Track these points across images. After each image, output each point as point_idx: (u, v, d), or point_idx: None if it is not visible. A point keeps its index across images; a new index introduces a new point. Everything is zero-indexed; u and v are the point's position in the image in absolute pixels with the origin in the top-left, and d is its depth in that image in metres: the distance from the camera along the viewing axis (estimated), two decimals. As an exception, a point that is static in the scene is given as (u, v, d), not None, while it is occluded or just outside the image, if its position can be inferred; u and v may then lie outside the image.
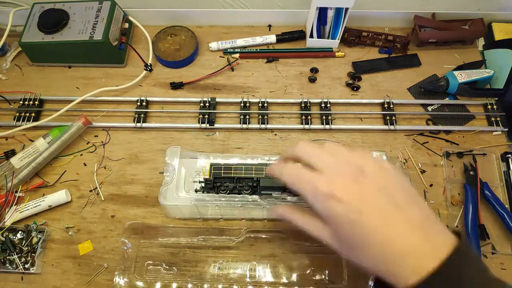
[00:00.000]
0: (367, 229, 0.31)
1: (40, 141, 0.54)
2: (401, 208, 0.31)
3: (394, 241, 0.30)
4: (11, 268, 0.47)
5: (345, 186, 0.32)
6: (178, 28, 0.65)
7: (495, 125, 0.56)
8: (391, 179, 0.33)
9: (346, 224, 0.31)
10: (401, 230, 0.30)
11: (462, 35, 0.63)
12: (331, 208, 0.32)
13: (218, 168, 0.49)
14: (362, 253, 0.32)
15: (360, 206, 0.31)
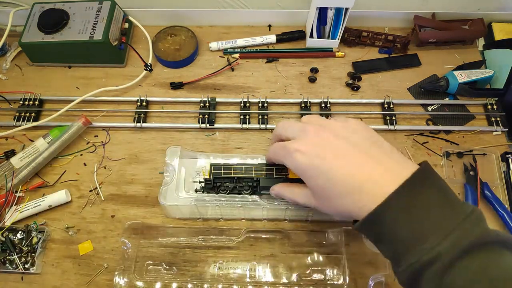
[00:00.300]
0: (329, 171, 0.33)
1: (40, 141, 0.54)
2: (360, 148, 0.34)
3: (354, 175, 0.32)
4: (11, 268, 0.47)
5: (308, 140, 0.36)
6: (178, 28, 0.65)
7: (495, 125, 0.56)
8: (352, 127, 0.36)
9: (312, 171, 0.35)
10: (359, 164, 0.33)
11: (462, 35, 0.63)
12: (297, 160, 0.35)
13: (218, 168, 0.49)
14: (332, 196, 0.34)
15: (319, 152, 0.34)
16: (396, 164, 0.33)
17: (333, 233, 0.48)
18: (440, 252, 0.28)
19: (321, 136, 0.36)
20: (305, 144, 0.36)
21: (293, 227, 0.50)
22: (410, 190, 0.30)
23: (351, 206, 0.33)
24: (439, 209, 0.30)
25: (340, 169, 0.33)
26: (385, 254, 0.34)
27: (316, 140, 0.36)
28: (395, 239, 0.31)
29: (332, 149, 0.34)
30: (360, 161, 0.33)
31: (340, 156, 0.34)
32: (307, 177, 0.36)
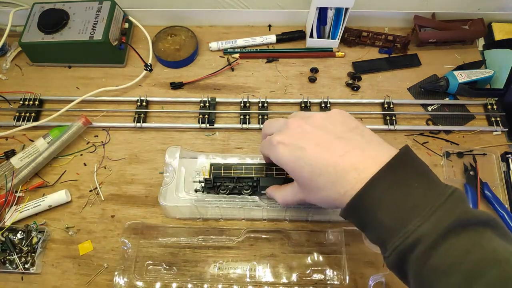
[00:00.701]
0: (312, 161, 0.34)
1: (40, 141, 0.54)
2: (340, 137, 0.34)
3: (335, 164, 0.32)
4: (11, 268, 0.47)
5: (289, 132, 0.36)
6: (178, 28, 0.65)
7: (495, 125, 0.56)
8: (332, 118, 0.37)
9: (295, 161, 0.35)
10: (340, 152, 0.33)
11: (462, 35, 0.63)
12: (280, 153, 0.36)
13: (218, 167, 0.48)
14: (317, 186, 0.34)
15: (300, 143, 0.35)
16: (377, 150, 0.33)
17: (333, 233, 0.48)
18: (422, 233, 0.28)
19: (302, 128, 0.36)
20: (287, 136, 0.36)
21: (293, 227, 0.50)
22: (390, 173, 0.30)
23: (334, 195, 0.33)
24: (420, 190, 0.30)
25: (322, 159, 0.33)
26: (372, 239, 0.33)
27: (298, 131, 0.36)
28: (379, 224, 0.31)
29: (314, 140, 0.35)
30: (341, 150, 0.33)
31: (321, 146, 0.34)
32: (291, 169, 0.36)
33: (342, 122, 0.36)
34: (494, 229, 0.29)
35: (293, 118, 0.38)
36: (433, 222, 0.28)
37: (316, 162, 0.33)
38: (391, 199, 0.30)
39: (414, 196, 0.30)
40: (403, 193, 0.30)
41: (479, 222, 0.28)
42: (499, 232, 0.28)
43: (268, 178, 0.47)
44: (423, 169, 0.31)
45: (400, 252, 0.29)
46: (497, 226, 0.29)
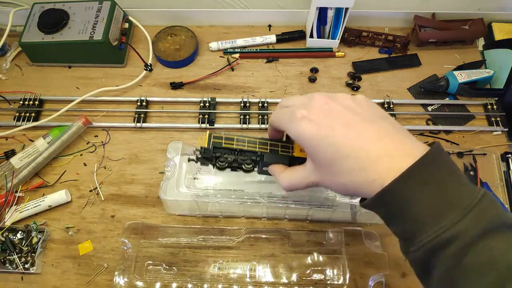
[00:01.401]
0: (339, 142, 0.31)
1: (40, 141, 0.54)
2: (370, 121, 0.32)
3: (367, 149, 0.30)
4: (11, 268, 0.47)
5: (316, 109, 0.33)
6: (178, 28, 0.65)
7: (495, 125, 0.56)
8: (360, 101, 0.34)
9: (319, 141, 0.32)
10: (373, 137, 0.31)
11: (462, 35, 0.63)
12: (303, 128, 0.33)
13: (219, 137, 0.41)
14: (340, 170, 0.32)
15: (329, 122, 0.32)
16: (409, 142, 0.31)
17: (333, 233, 0.48)
18: (460, 230, 0.27)
19: (329, 105, 0.33)
20: (313, 112, 0.33)
21: (293, 227, 0.50)
22: (426, 167, 0.29)
23: (360, 182, 0.31)
24: (455, 188, 0.28)
25: (351, 141, 0.31)
26: (396, 232, 0.32)
27: (325, 109, 0.33)
28: (408, 217, 0.29)
29: (343, 120, 0.32)
30: (373, 135, 0.31)
31: (351, 127, 0.31)
32: (313, 147, 0.33)
33: (370, 107, 0.34)
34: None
35: (319, 94, 0.34)
36: (470, 220, 0.27)
37: (344, 144, 0.31)
38: (427, 193, 0.28)
39: (449, 192, 0.28)
40: (439, 189, 0.28)
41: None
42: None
43: (273, 155, 0.41)
44: (455, 168, 0.30)
45: (432, 247, 0.28)
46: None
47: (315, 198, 0.48)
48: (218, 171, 0.50)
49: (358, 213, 0.48)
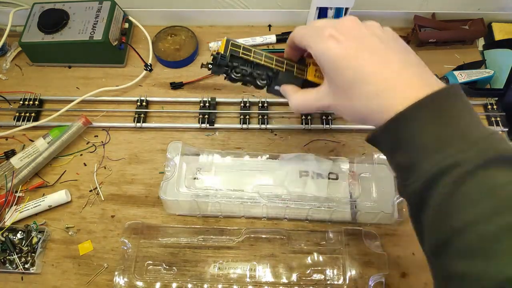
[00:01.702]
0: (362, 66, 0.32)
1: (40, 141, 0.54)
2: (396, 51, 0.33)
3: (386, 76, 0.31)
4: (11, 268, 0.47)
5: (345, 30, 0.33)
6: (178, 28, 0.65)
7: (495, 125, 0.56)
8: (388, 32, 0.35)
9: (343, 62, 0.32)
10: (395, 67, 0.31)
11: (462, 35, 0.63)
12: (329, 48, 0.33)
13: (237, 45, 0.40)
14: (357, 93, 0.32)
15: (356, 44, 0.32)
16: (430, 76, 0.32)
17: (333, 233, 0.48)
18: (463, 158, 0.27)
19: (359, 30, 0.33)
20: (342, 32, 0.33)
21: (293, 227, 0.50)
22: (442, 99, 0.29)
23: (375, 108, 0.31)
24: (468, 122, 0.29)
25: (374, 67, 0.31)
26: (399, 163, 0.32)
27: (354, 32, 0.33)
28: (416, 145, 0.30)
29: (370, 46, 0.33)
30: (395, 64, 0.32)
31: (376, 54, 0.32)
32: (335, 68, 0.33)
33: (396, 40, 0.34)
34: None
35: (350, 17, 0.35)
36: (475, 150, 0.27)
37: (366, 69, 0.31)
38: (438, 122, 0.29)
39: (460, 125, 0.29)
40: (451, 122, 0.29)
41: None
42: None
43: (288, 74, 0.41)
44: (471, 107, 0.31)
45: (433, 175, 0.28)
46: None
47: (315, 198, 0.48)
48: (218, 171, 0.50)
49: (358, 213, 0.48)
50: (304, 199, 0.47)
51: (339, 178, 0.51)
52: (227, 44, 0.40)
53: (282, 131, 0.57)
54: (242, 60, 0.40)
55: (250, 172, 0.51)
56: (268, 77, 0.41)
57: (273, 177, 0.50)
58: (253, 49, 0.41)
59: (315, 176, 0.50)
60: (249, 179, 0.50)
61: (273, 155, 0.52)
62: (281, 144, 0.56)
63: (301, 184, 0.50)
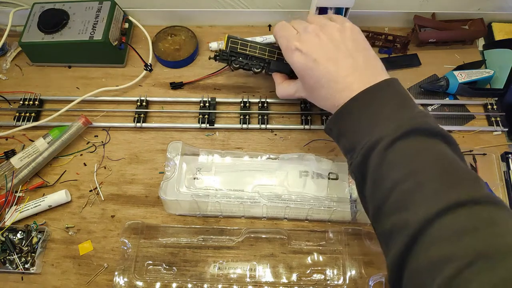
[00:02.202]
0: (320, 75, 0.41)
1: (40, 141, 0.54)
2: (348, 56, 0.40)
3: (338, 81, 0.40)
4: (11, 268, 0.47)
5: (307, 41, 0.42)
6: (178, 28, 0.65)
7: (495, 125, 0.56)
8: (346, 33, 0.42)
9: (306, 71, 0.42)
10: (345, 72, 0.40)
11: (462, 35, 0.63)
12: (295, 59, 0.43)
13: (235, 42, 0.51)
14: (319, 94, 0.42)
15: (315, 55, 0.41)
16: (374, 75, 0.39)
17: (333, 233, 0.48)
18: (385, 133, 0.34)
19: (319, 37, 0.42)
20: (305, 45, 0.42)
21: (293, 226, 0.50)
22: (373, 92, 0.37)
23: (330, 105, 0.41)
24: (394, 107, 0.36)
25: (329, 75, 0.40)
26: (345, 147, 0.39)
27: (315, 42, 0.42)
28: (354, 130, 0.37)
29: (327, 54, 0.41)
30: (345, 71, 0.39)
31: (331, 62, 0.40)
32: (301, 75, 0.44)
33: (353, 40, 0.41)
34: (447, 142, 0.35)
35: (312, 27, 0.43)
36: (395, 126, 0.34)
37: (323, 77, 0.40)
38: (368, 112, 0.37)
39: (387, 110, 0.36)
40: (380, 107, 0.36)
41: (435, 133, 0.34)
42: (452, 147, 0.35)
43: (278, 62, 0.52)
44: (403, 96, 0.38)
45: (365, 151, 0.35)
46: (451, 141, 0.35)
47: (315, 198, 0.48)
48: (218, 171, 0.50)
49: (358, 213, 0.48)
50: (304, 199, 0.47)
51: (339, 178, 0.51)
52: (228, 41, 0.51)
53: (282, 131, 0.57)
54: (241, 54, 0.52)
55: (250, 172, 0.51)
56: (262, 65, 0.52)
57: (273, 177, 0.50)
58: (249, 43, 0.51)
59: (315, 176, 0.50)
60: (249, 179, 0.50)
61: (273, 155, 0.52)
62: (281, 144, 0.56)
63: (301, 184, 0.50)
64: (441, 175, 0.32)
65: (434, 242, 0.29)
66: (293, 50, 0.43)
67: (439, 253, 0.28)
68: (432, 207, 0.30)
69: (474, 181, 0.32)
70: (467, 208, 0.29)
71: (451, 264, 0.27)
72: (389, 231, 0.33)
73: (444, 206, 0.29)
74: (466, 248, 0.27)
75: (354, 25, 0.43)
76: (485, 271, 0.26)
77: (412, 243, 0.30)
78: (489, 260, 0.26)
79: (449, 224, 0.29)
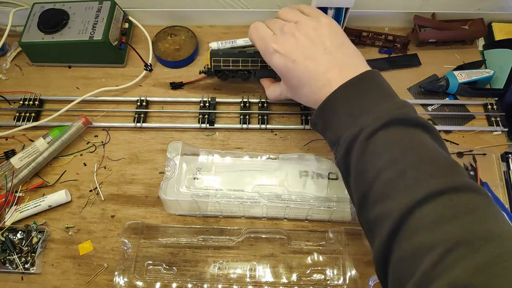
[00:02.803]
0: (300, 74, 0.41)
1: (40, 141, 0.54)
2: (326, 53, 0.41)
3: (318, 78, 0.40)
4: (11, 268, 0.47)
5: (285, 42, 0.42)
6: (178, 28, 0.65)
7: (495, 125, 0.56)
8: (322, 30, 0.42)
9: (287, 71, 0.43)
10: (324, 68, 0.40)
11: (462, 35, 0.63)
12: (274, 61, 0.43)
13: (218, 60, 0.53)
14: (302, 93, 0.43)
15: (293, 56, 0.42)
16: (353, 68, 0.39)
17: (333, 233, 0.48)
18: (367, 124, 0.35)
19: (295, 37, 0.42)
20: (282, 46, 0.42)
21: (293, 226, 0.50)
22: (353, 85, 0.38)
23: (313, 102, 0.42)
24: (374, 99, 0.37)
25: (309, 73, 0.41)
26: (330, 140, 0.40)
27: (291, 42, 0.42)
28: (338, 124, 0.38)
29: (304, 53, 0.41)
30: (324, 68, 0.40)
31: (309, 60, 0.41)
32: (283, 76, 0.45)
33: (330, 37, 0.42)
34: (428, 131, 0.35)
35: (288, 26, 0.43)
36: (375, 117, 0.35)
37: (304, 75, 0.41)
38: (349, 104, 0.37)
39: (368, 102, 0.37)
40: (360, 100, 0.37)
41: (417, 123, 0.35)
42: (432, 135, 0.35)
43: (262, 70, 0.53)
44: (382, 87, 0.39)
45: (349, 142, 0.36)
46: (431, 129, 0.36)
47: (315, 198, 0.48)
48: (218, 171, 0.50)
49: (358, 213, 0.48)
50: (304, 199, 0.47)
51: (339, 178, 0.51)
52: (210, 58, 0.53)
53: (282, 131, 0.57)
54: (225, 70, 0.54)
55: (250, 172, 0.51)
56: (248, 75, 0.55)
57: (273, 177, 0.50)
58: (231, 59, 0.53)
59: (315, 176, 0.50)
60: (249, 179, 0.50)
61: (273, 155, 0.52)
62: (281, 144, 0.56)
63: (301, 184, 0.50)
64: (422, 164, 0.32)
65: (416, 231, 0.30)
66: (272, 53, 0.43)
67: (421, 241, 0.29)
68: (412, 196, 0.31)
69: (453, 169, 0.33)
70: (446, 196, 0.30)
71: (433, 251, 0.28)
72: (373, 222, 0.34)
73: (424, 195, 0.30)
74: (447, 235, 0.28)
75: (330, 20, 0.43)
76: (465, 257, 0.27)
77: (394, 233, 0.31)
78: (469, 246, 0.27)
79: (429, 212, 0.30)
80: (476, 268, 0.26)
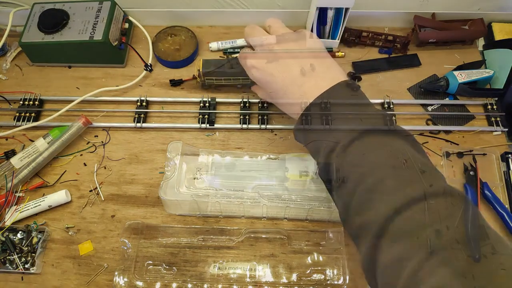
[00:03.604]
0: (277, 86, 0.43)
1: (40, 141, 0.54)
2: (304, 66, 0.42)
3: (294, 91, 0.42)
4: (11, 268, 0.47)
5: (263, 57, 0.44)
6: (178, 28, 0.65)
7: (495, 125, 0.56)
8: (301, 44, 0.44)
9: (265, 84, 0.45)
10: (300, 83, 0.42)
11: (462, 35, 0.63)
12: (253, 75, 0.46)
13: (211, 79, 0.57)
14: (280, 104, 0.46)
15: (270, 70, 0.43)
16: (328, 79, 0.41)
17: (333, 233, 0.48)
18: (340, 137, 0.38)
19: (274, 52, 0.44)
20: (260, 61, 0.44)
21: (293, 227, 0.50)
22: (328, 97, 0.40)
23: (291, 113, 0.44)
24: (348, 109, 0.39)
25: (286, 87, 0.43)
26: (313, 152, 0.41)
27: (269, 55, 0.44)
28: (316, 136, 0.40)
29: (281, 67, 0.43)
30: (300, 81, 0.42)
31: (286, 74, 0.42)
32: (264, 88, 0.47)
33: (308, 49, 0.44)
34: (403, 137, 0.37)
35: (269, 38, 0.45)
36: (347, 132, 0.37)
37: (281, 88, 0.43)
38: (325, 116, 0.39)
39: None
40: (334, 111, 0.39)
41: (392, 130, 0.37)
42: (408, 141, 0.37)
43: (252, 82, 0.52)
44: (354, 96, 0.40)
45: (327, 153, 0.38)
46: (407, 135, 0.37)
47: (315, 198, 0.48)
48: (218, 171, 0.50)
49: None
50: (304, 199, 0.47)
51: (339, 178, 0.51)
52: (204, 78, 0.57)
53: (282, 131, 0.57)
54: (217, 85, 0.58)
55: (250, 172, 0.51)
56: (239, 86, 0.59)
57: (273, 177, 0.50)
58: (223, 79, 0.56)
59: (315, 176, 0.50)
60: (249, 179, 0.50)
61: (273, 155, 0.52)
62: (281, 144, 0.56)
63: (301, 184, 0.50)
64: (398, 171, 0.33)
65: (395, 239, 0.31)
66: (250, 68, 0.45)
67: (401, 249, 0.30)
68: (391, 205, 0.31)
69: (430, 174, 0.33)
70: (423, 202, 0.31)
71: (413, 259, 0.29)
72: (356, 233, 0.35)
73: (402, 203, 0.31)
74: (425, 242, 0.29)
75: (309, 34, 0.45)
76: (444, 263, 0.27)
77: (376, 243, 0.32)
78: (447, 251, 0.28)
79: (407, 220, 0.31)
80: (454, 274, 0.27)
